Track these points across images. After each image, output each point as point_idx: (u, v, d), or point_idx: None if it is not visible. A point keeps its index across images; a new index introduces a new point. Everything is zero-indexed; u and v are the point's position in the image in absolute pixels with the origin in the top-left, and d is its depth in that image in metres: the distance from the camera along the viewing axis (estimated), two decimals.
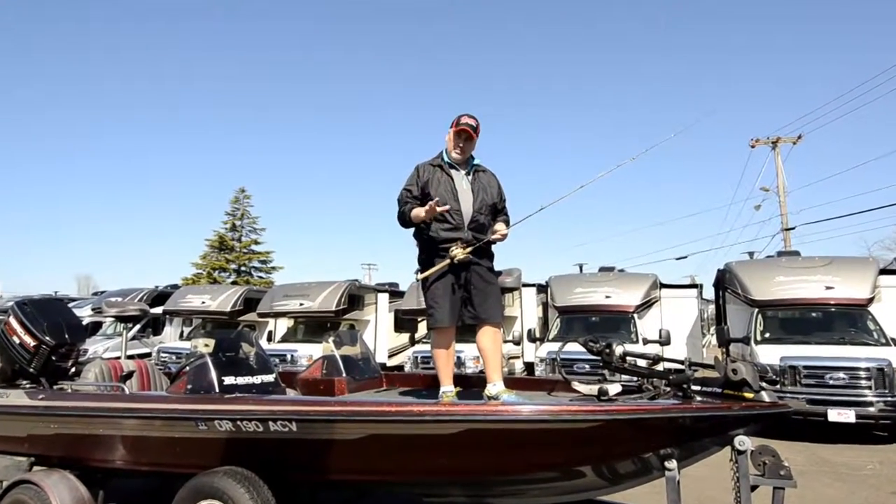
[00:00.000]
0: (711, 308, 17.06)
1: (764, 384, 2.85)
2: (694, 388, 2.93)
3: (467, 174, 3.80)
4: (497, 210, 3.89)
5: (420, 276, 3.76)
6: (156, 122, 61.21)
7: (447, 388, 3.72)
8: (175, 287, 17.39)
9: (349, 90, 71.96)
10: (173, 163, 61.30)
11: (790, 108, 65.50)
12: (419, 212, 3.65)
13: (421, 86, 75.25)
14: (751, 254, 13.13)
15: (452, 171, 3.77)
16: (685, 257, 20.16)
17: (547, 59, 73.70)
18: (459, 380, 4.15)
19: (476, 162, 3.88)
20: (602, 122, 73.01)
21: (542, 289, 13.69)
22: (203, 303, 14.06)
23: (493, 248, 3.88)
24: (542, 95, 73.41)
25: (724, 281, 10.68)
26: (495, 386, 3.64)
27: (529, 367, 12.04)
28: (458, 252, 3.58)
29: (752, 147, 21.09)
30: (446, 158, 3.81)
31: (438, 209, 3.56)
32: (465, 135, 3.74)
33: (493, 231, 3.76)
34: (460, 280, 3.68)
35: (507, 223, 3.92)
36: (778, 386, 7.62)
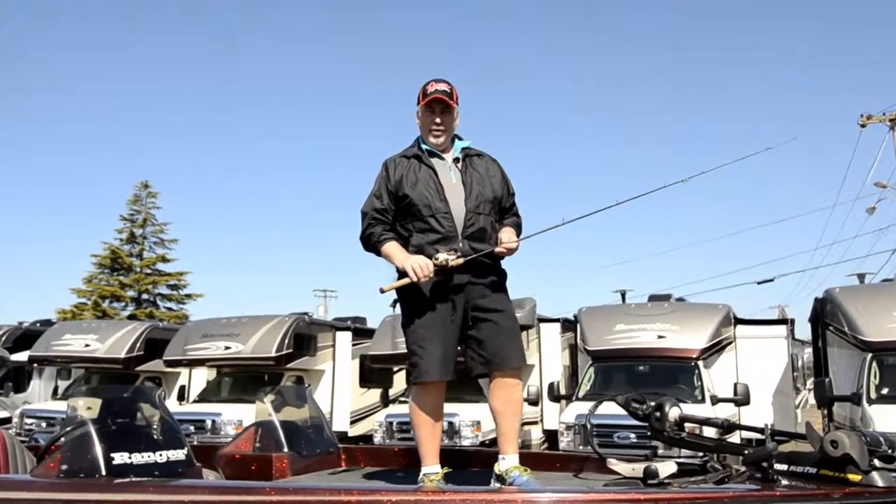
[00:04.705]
0: (808, 352, 17.19)
1: (878, 462, 2.88)
2: (778, 466, 2.95)
3: (455, 162, 3.84)
4: (503, 208, 3.92)
5: (386, 287, 3.71)
6: (30, 106, 61.04)
7: (431, 468, 3.72)
8: (47, 324, 17.28)
9: (292, 48, 72.52)
10: (45, 152, 61.14)
11: None
12: (398, 259, 3.68)
13: (401, 54, 75.96)
14: (861, 276, 13.25)
15: (434, 161, 3.80)
16: (770, 280, 20.31)
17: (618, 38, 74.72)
18: (450, 456, 4.15)
19: (466, 144, 3.92)
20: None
21: (568, 325, 13.73)
22: (87, 346, 13.99)
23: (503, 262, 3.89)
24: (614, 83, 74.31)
25: (825, 314, 10.76)
26: (506, 460, 3.65)
27: (551, 436, 12.03)
28: (446, 256, 3.57)
29: (863, 127, 21.38)
30: (424, 145, 3.85)
31: (423, 278, 3.57)
32: (440, 105, 3.79)
33: (499, 241, 3.76)
34: (457, 311, 3.68)
35: (517, 227, 3.93)
36: None
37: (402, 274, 3.67)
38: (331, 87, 70.95)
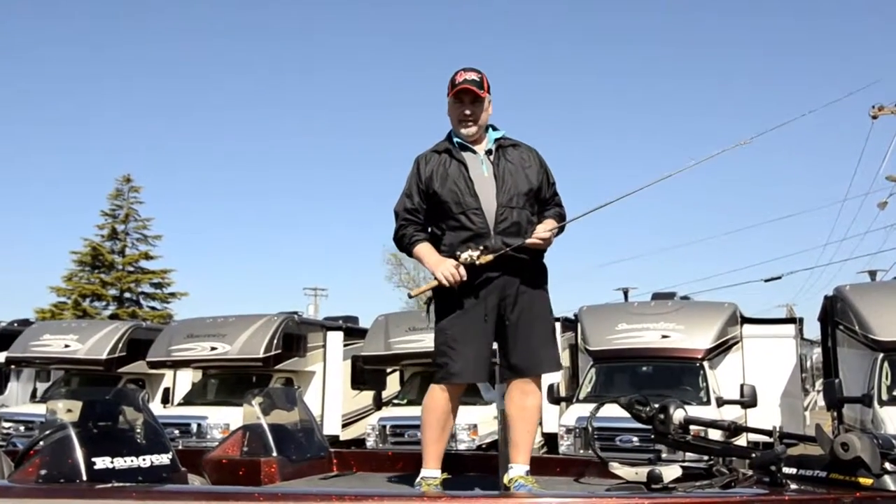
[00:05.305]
0: (817, 352, 17.24)
1: (889, 465, 2.89)
2: (787, 470, 2.95)
3: (488, 154, 3.81)
4: (542, 200, 3.88)
5: (414, 291, 3.72)
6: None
7: (431, 471, 3.71)
8: (25, 323, 17.24)
9: (281, 46, 72.42)
10: (20, 146, 60.94)
11: None
12: (428, 263, 3.71)
13: (408, 29, 75.90)
14: (872, 273, 13.28)
15: (465, 154, 3.78)
16: (778, 278, 20.33)
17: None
18: (446, 460, 4.15)
19: (500, 135, 3.89)
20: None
21: (568, 325, 13.74)
22: (67, 347, 13.97)
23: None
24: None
25: (835, 313, 10.80)
26: (513, 469, 3.64)
27: (551, 439, 12.05)
28: (471, 254, 3.56)
29: (874, 118, 21.28)
30: (455, 138, 3.84)
31: (454, 285, 3.58)
32: (469, 96, 3.77)
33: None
34: (491, 311, 3.66)
35: (560, 217, 3.90)
36: None
37: (441, 294, 3.69)
38: (321, 85, 70.85)
